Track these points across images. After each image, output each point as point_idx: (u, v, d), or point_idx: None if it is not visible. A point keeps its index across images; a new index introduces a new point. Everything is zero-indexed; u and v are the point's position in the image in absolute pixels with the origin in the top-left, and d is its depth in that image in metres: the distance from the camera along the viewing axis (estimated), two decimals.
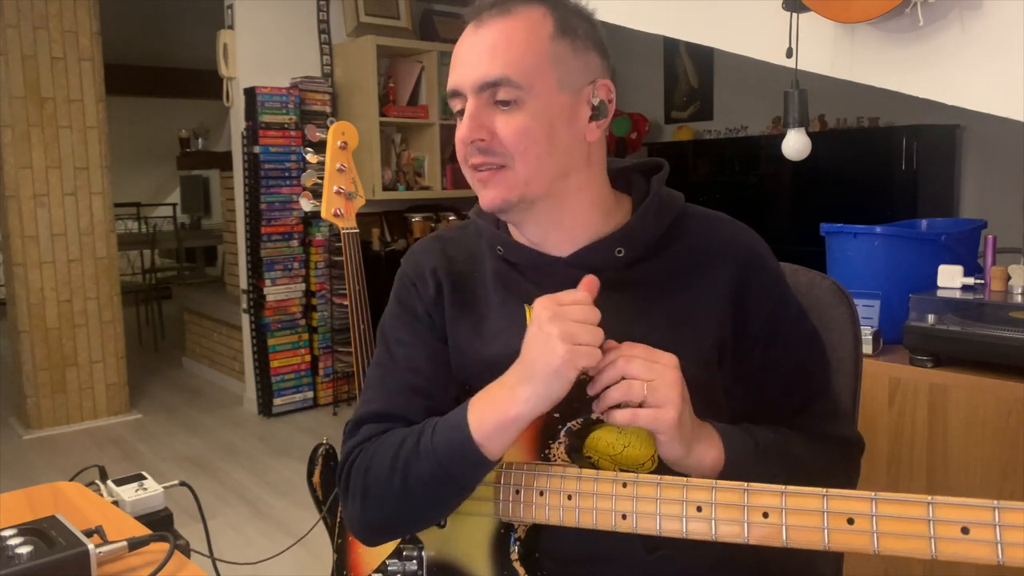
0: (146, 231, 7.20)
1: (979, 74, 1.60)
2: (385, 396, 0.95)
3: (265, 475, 3.34)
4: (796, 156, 1.82)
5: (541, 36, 0.86)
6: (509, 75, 0.85)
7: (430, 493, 0.86)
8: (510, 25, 0.86)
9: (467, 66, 0.87)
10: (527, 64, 0.85)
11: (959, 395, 1.56)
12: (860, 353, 1.09)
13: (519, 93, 0.85)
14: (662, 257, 0.92)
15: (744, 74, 4.51)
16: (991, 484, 1.52)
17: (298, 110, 4.03)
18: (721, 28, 2.06)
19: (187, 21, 5.90)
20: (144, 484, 1.37)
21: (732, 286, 0.91)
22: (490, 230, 0.97)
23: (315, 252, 4.16)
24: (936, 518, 0.66)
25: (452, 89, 0.89)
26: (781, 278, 0.96)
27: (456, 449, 0.82)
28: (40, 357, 3.88)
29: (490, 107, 0.86)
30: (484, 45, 0.86)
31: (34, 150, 3.78)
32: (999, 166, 3.77)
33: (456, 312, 0.96)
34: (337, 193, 1.68)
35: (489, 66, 0.85)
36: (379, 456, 0.89)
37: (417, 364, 0.95)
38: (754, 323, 0.91)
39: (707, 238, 0.94)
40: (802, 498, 0.72)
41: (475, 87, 0.86)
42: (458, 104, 0.89)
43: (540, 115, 0.86)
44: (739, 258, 0.92)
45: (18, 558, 0.80)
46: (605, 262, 0.90)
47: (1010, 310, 1.53)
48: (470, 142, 0.87)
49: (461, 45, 0.89)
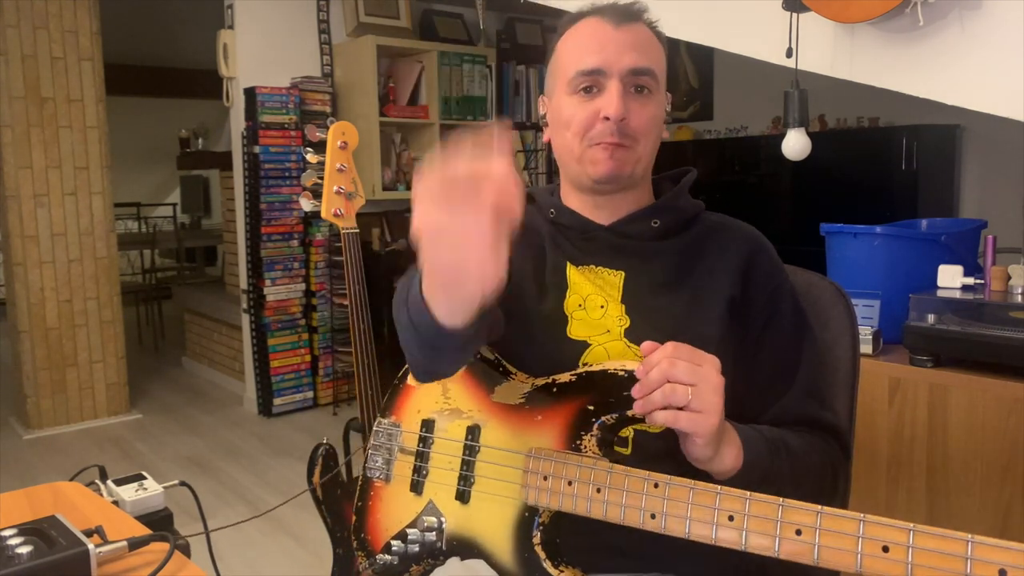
0: (146, 231, 7.19)
1: (979, 74, 1.60)
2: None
3: (265, 475, 3.34)
4: (796, 156, 1.82)
5: (660, 46, 1.03)
6: (653, 68, 0.99)
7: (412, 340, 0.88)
8: (644, 30, 1.01)
9: (615, 53, 0.97)
10: (660, 63, 1.01)
11: (959, 395, 1.56)
12: (858, 352, 1.10)
13: (655, 85, 1.00)
14: (688, 235, 1.05)
15: (744, 74, 4.51)
16: (991, 484, 1.52)
17: (298, 110, 4.03)
18: (721, 28, 2.06)
19: (187, 21, 5.90)
20: (144, 484, 1.36)
21: (742, 260, 1.02)
22: (545, 196, 1.10)
23: (315, 252, 4.15)
24: (974, 557, 0.64)
25: (595, 67, 0.97)
26: (783, 271, 1.06)
27: (418, 310, 0.82)
28: (40, 357, 3.88)
29: (628, 93, 0.98)
30: (630, 40, 0.98)
31: (34, 150, 3.78)
32: (999, 166, 3.77)
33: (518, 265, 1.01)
34: (337, 193, 1.68)
35: (639, 57, 0.98)
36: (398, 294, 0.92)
37: None
38: (756, 300, 1.01)
39: (725, 226, 1.07)
40: (838, 520, 0.72)
41: (625, 71, 0.97)
42: (587, 82, 0.98)
43: (660, 107, 1.02)
44: (750, 243, 1.04)
45: (18, 558, 0.80)
46: (640, 231, 1.04)
47: (1010, 310, 1.53)
48: (620, 119, 0.96)
49: (599, 32, 0.99)
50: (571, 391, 0.92)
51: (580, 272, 1.04)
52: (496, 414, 0.97)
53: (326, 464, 1.55)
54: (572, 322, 1.01)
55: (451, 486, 0.98)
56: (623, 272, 1.02)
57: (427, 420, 1.04)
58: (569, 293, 1.02)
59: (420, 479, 1.02)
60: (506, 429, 0.95)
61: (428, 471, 1.02)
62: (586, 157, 1.00)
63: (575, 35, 1.02)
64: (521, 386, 0.96)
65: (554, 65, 1.05)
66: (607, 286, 1.02)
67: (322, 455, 1.55)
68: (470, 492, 0.96)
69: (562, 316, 1.01)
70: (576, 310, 1.01)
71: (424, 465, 1.02)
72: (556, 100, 1.03)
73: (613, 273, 1.02)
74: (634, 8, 1.02)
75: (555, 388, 0.93)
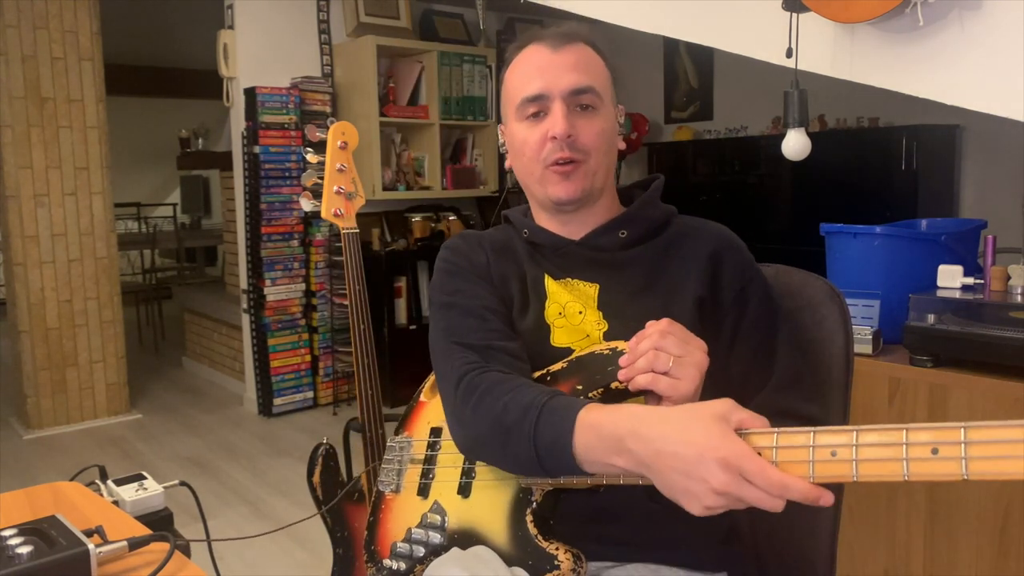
0: (146, 231, 7.19)
1: (979, 74, 1.60)
2: (464, 333, 1.02)
3: (265, 475, 3.34)
4: (796, 156, 1.82)
5: (601, 63, 1.08)
6: (594, 85, 1.04)
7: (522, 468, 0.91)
8: (582, 50, 1.06)
9: (554, 76, 1.03)
10: (602, 80, 1.06)
11: (959, 395, 1.56)
12: (851, 351, 1.11)
13: (598, 101, 1.05)
14: (656, 242, 1.09)
15: (744, 74, 4.51)
16: (990, 485, 1.52)
17: (298, 110, 4.03)
18: (721, 28, 2.06)
19: (187, 21, 5.90)
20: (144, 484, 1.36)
21: (708, 260, 1.05)
22: (519, 218, 1.16)
23: (315, 252, 4.16)
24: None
25: (537, 94, 1.03)
26: (754, 264, 1.09)
27: (553, 451, 0.85)
28: (40, 357, 3.88)
29: (573, 111, 1.03)
30: (568, 61, 1.04)
31: (34, 150, 3.78)
32: (999, 166, 3.77)
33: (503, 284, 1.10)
34: (337, 193, 1.68)
35: (579, 77, 1.03)
36: (488, 400, 0.93)
37: (483, 299, 1.06)
38: (724, 299, 1.04)
39: (693, 228, 1.11)
40: (874, 433, 0.68)
41: (566, 92, 1.03)
42: (533, 108, 1.04)
43: (608, 121, 1.06)
44: (717, 242, 1.08)
45: (18, 558, 0.80)
46: (610, 242, 1.08)
47: (1010, 310, 1.53)
48: (566, 136, 1.01)
49: (538, 59, 1.05)
50: (563, 377, 0.97)
51: (558, 283, 1.08)
52: None
53: (326, 464, 1.56)
54: (554, 331, 1.05)
55: (454, 482, 1.01)
56: (598, 284, 1.07)
57: (435, 428, 1.08)
58: (549, 303, 1.07)
59: (427, 482, 1.05)
60: None
61: (435, 473, 1.05)
62: (545, 179, 1.06)
63: (519, 64, 1.08)
64: None
65: (504, 95, 1.11)
66: (583, 296, 1.06)
67: (322, 455, 1.55)
68: (471, 485, 1.00)
69: (544, 326, 1.05)
70: (557, 318, 1.06)
71: (431, 468, 1.06)
72: (510, 127, 1.10)
73: (588, 285, 1.07)
74: (572, 31, 1.08)
75: (549, 377, 0.98)
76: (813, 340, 1.11)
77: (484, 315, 1.04)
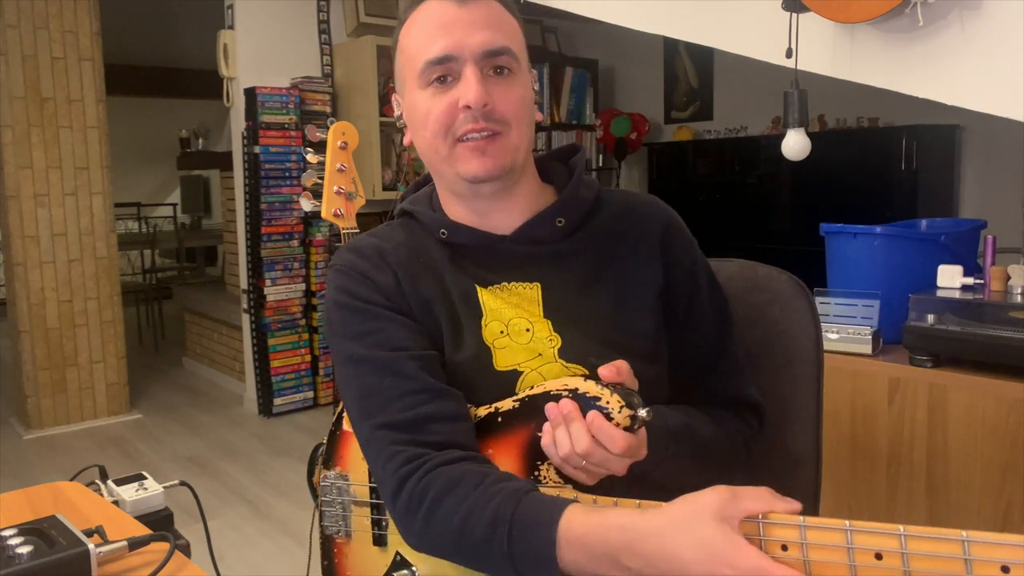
0: (146, 231, 7.19)
1: (979, 74, 1.60)
2: (383, 402, 0.87)
3: (265, 475, 3.34)
4: (796, 156, 1.82)
5: (514, 21, 0.93)
6: (510, 46, 0.89)
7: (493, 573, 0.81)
8: (493, 5, 0.90)
9: (463, 35, 0.87)
10: (517, 40, 0.92)
11: (959, 395, 1.56)
12: (821, 346, 1.10)
13: (515, 64, 0.90)
14: (596, 225, 0.97)
15: (744, 74, 4.51)
16: (991, 484, 1.52)
17: (298, 110, 4.03)
18: (721, 28, 2.06)
19: (187, 21, 5.90)
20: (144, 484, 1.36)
21: (658, 243, 0.96)
22: (429, 214, 0.97)
23: (315, 252, 4.16)
24: (972, 557, 0.59)
25: (443, 55, 0.87)
26: (694, 243, 1.01)
27: (537, 567, 0.75)
28: (40, 357, 3.88)
29: (487, 76, 0.88)
30: (478, 17, 0.88)
31: (34, 150, 3.78)
32: (999, 166, 3.77)
33: (421, 303, 0.92)
34: (337, 193, 1.68)
35: (493, 36, 0.88)
36: (441, 513, 0.81)
37: (395, 345, 0.89)
38: (677, 278, 0.96)
39: (629, 205, 0.99)
40: (824, 533, 0.64)
41: (479, 54, 0.87)
42: (439, 71, 0.88)
43: (526, 88, 0.92)
44: (661, 219, 0.98)
45: (18, 558, 0.80)
46: (548, 234, 0.94)
47: (1010, 310, 1.53)
48: (482, 105, 0.86)
49: (441, 14, 0.88)
50: (517, 419, 0.85)
51: (492, 293, 0.92)
52: None
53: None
54: (496, 352, 0.90)
55: None
56: (538, 283, 0.92)
57: None
58: (486, 321, 0.91)
59: (382, 532, 0.96)
60: None
61: (388, 522, 0.95)
62: (454, 156, 0.89)
63: (417, 21, 0.91)
64: None
65: (400, 58, 0.94)
66: (525, 302, 0.92)
67: (322, 455, 1.55)
68: None
69: (484, 348, 0.90)
70: (498, 338, 0.91)
71: (383, 517, 0.97)
72: (409, 97, 0.93)
73: (528, 287, 0.92)
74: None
75: (500, 418, 0.86)
76: (783, 333, 1.09)
77: (403, 367, 0.86)
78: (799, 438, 1.08)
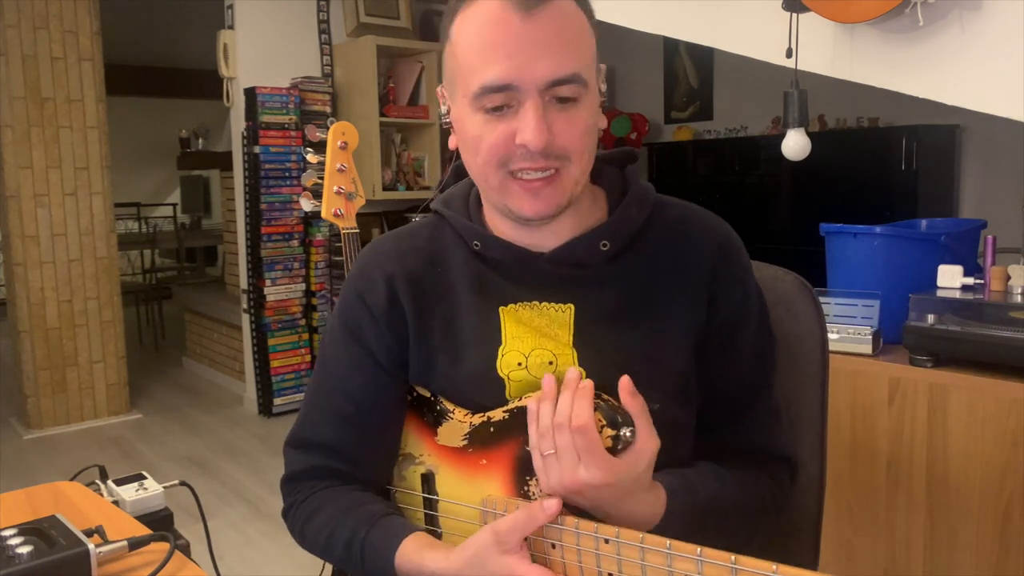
0: (146, 231, 7.19)
1: (979, 74, 1.60)
2: (316, 421, 0.95)
3: (265, 475, 3.34)
4: (796, 156, 1.82)
5: (586, 27, 0.79)
6: (580, 72, 0.76)
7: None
8: (562, 12, 0.76)
9: (526, 59, 0.74)
10: (588, 56, 0.79)
11: (959, 395, 1.56)
12: (827, 347, 1.09)
13: (583, 91, 0.78)
14: (642, 249, 0.87)
15: (744, 74, 4.51)
16: (991, 484, 1.52)
17: (298, 110, 4.03)
18: (721, 28, 2.06)
19: (187, 21, 5.90)
20: (144, 484, 1.36)
21: (709, 268, 0.86)
22: (463, 223, 0.88)
23: (315, 252, 4.16)
24: None
25: (504, 83, 0.75)
26: (750, 271, 0.92)
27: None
28: (40, 357, 3.88)
29: (549, 105, 0.76)
30: (546, 35, 0.75)
31: (34, 150, 3.78)
32: (999, 166, 3.77)
33: (421, 320, 0.88)
34: (337, 193, 1.68)
35: (559, 62, 0.75)
36: (311, 533, 0.93)
37: (350, 391, 0.91)
38: (722, 312, 0.87)
39: (684, 226, 0.89)
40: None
41: (542, 85, 0.75)
42: (495, 101, 0.76)
43: (593, 111, 0.80)
44: (716, 242, 0.88)
45: (18, 558, 0.80)
46: (590, 256, 0.85)
47: (1010, 310, 1.53)
48: (542, 147, 0.76)
49: (502, 29, 0.75)
50: (508, 430, 0.83)
51: (518, 313, 0.85)
52: (445, 459, 0.89)
53: None
54: (510, 384, 0.84)
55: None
56: (572, 305, 0.85)
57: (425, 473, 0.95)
58: (504, 350, 0.84)
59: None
60: (458, 476, 0.87)
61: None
62: (506, 190, 0.80)
63: (473, 24, 0.77)
64: (460, 425, 0.87)
65: (451, 64, 0.81)
66: (554, 325, 0.85)
67: None
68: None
69: (495, 380, 0.84)
70: (515, 370, 0.84)
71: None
72: (459, 109, 0.81)
73: (561, 308, 0.85)
74: None
75: (492, 428, 0.84)
76: (788, 334, 1.08)
77: (342, 422, 0.91)
78: (803, 439, 1.08)
